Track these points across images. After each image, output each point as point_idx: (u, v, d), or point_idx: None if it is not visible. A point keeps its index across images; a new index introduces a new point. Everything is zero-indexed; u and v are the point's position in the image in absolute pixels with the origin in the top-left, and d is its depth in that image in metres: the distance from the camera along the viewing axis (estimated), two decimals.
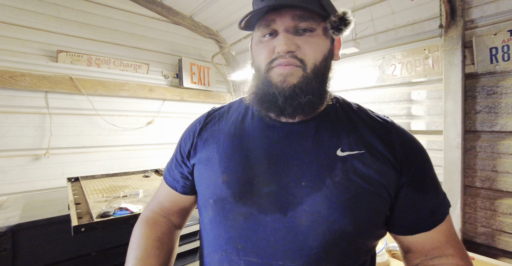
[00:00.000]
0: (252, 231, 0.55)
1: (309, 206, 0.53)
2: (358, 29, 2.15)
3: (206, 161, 0.64)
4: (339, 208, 0.52)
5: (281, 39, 0.53)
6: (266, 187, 0.56)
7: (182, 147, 0.72)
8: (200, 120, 0.71)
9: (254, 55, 0.61)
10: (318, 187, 0.53)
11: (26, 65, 2.19)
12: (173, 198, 0.74)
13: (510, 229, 1.59)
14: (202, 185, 0.64)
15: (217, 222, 0.60)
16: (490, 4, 1.68)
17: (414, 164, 0.57)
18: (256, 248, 0.54)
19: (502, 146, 1.65)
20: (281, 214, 0.53)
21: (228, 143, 0.63)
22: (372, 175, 0.54)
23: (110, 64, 2.65)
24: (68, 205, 1.52)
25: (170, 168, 0.75)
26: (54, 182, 2.31)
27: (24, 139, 2.21)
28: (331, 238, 0.52)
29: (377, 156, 0.55)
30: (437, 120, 1.91)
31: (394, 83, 2.15)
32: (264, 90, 0.57)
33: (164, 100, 2.99)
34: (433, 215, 0.57)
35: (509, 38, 1.62)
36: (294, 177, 0.55)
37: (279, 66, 0.54)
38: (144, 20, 2.90)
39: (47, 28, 2.34)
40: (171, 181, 0.74)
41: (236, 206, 0.57)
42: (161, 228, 0.69)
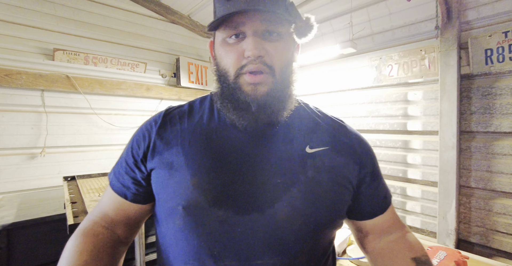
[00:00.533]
0: (229, 234, 0.54)
1: (286, 201, 0.55)
2: (355, 29, 2.16)
3: (170, 165, 0.58)
4: (314, 201, 0.56)
5: (251, 43, 0.53)
6: (241, 187, 0.55)
7: (134, 149, 0.63)
8: (156, 120, 0.64)
9: (219, 57, 0.59)
10: (293, 183, 0.56)
11: (23, 63, 2.18)
12: (121, 206, 0.64)
13: (504, 229, 1.61)
14: (167, 191, 0.58)
15: (187, 231, 0.55)
16: (486, 6, 1.69)
17: (370, 158, 0.65)
18: (233, 251, 0.54)
19: (497, 147, 1.66)
20: (258, 213, 0.54)
21: (195, 144, 0.59)
22: (338, 168, 0.60)
23: (107, 63, 2.64)
24: (64, 203, 1.52)
25: (118, 173, 0.65)
26: (50, 181, 2.30)
27: (20, 137, 2.19)
28: (307, 231, 0.56)
29: (340, 151, 0.61)
30: (433, 121, 1.92)
31: (391, 83, 2.16)
32: (235, 98, 0.56)
33: (162, 99, 2.99)
34: (385, 199, 0.68)
35: (504, 40, 1.64)
36: (269, 175, 0.56)
37: (249, 74, 0.54)
38: (142, 19, 2.89)
39: (44, 26, 2.33)
40: (119, 187, 0.64)
41: (210, 211, 0.54)
42: (100, 241, 0.58)
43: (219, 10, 0.56)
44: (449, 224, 1.74)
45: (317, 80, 2.69)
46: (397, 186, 2.12)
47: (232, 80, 0.56)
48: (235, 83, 0.56)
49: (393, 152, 2.14)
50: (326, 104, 2.61)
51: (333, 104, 2.56)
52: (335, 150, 0.61)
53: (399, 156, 2.11)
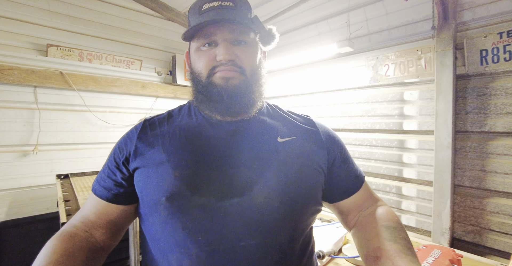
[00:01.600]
0: (211, 219, 0.57)
1: (262, 184, 0.60)
2: (352, 29, 2.17)
3: (152, 163, 0.63)
4: (288, 182, 0.61)
5: (222, 49, 0.59)
6: (220, 175, 0.60)
7: (116, 154, 0.68)
8: (136, 127, 0.69)
9: (194, 62, 0.65)
10: (268, 166, 0.61)
11: (15, 59, 2.14)
12: (102, 208, 0.67)
13: (498, 228, 1.63)
14: (150, 186, 0.61)
15: (173, 220, 0.58)
16: (481, 6, 1.71)
17: (336, 145, 0.73)
18: (217, 235, 0.57)
19: (491, 146, 1.68)
20: (238, 197, 0.58)
21: (175, 142, 0.64)
22: (306, 153, 0.67)
23: (102, 59, 2.60)
24: (57, 202, 1.49)
25: (101, 178, 0.69)
26: (43, 179, 2.26)
27: (12, 134, 2.15)
28: (284, 210, 0.60)
29: (307, 139, 0.69)
30: (429, 121, 1.94)
31: (387, 83, 2.17)
32: (209, 91, 0.62)
33: (157, 97, 2.96)
34: (358, 178, 0.74)
35: (498, 41, 1.66)
36: (245, 163, 0.61)
37: (220, 71, 0.61)
38: (138, 15, 2.86)
39: (37, 21, 2.28)
40: (101, 190, 0.67)
41: (192, 199, 0.58)
42: (76, 243, 0.60)
43: (193, 22, 0.63)
44: (443, 223, 1.75)
45: (314, 79, 2.69)
46: (392, 185, 2.13)
47: (205, 79, 0.62)
48: (208, 81, 0.62)
49: (389, 151, 2.15)
50: (322, 103, 2.61)
51: (329, 104, 2.56)
52: (303, 138, 0.69)
53: (395, 155, 2.12)
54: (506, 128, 1.63)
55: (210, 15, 0.60)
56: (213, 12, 0.60)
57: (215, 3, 0.61)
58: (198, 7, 0.63)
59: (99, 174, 0.71)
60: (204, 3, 0.62)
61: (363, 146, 2.32)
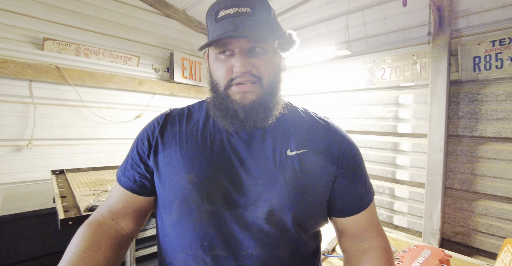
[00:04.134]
0: (217, 227, 0.60)
1: (265, 200, 0.61)
2: (350, 32, 2.20)
3: (169, 162, 0.65)
4: (290, 201, 0.61)
5: (239, 61, 0.58)
6: (229, 185, 0.62)
7: (139, 146, 0.70)
8: (158, 121, 0.71)
9: (212, 70, 0.65)
10: (273, 184, 0.62)
11: (10, 52, 2.10)
12: (128, 198, 0.69)
13: (485, 229, 1.69)
14: (165, 186, 0.64)
15: (181, 222, 0.61)
16: (476, 15, 1.76)
17: (348, 158, 0.67)
18: (221, 243, 0.60)
19: (481, 151, 1.74)
20: (242, 209, 0.61)
21: (191, 144, 0.65)
22: (315, 170, 0.64)
23: (99, 55, 2.58)
24: (53, 198, 1.48)
25: (125, 169, 0.71)
26: (37, 174, 2.23)
27: (5, 128, 2.11)
28: (284, 226, 0.62)
29: (318, 153, 0.65)
30: (422, 124, 1.99)
31: (383, 86, 2.21)
32: (225, 106, 0.62)
33: (154, 94, 2.94)
34: (361, 200, 0.69)
35: (491, 49, 1.71)
36: (252, 176, 0.62)
37: (236, 85, 0.60)
38: (136, 11, 2.83)
39: (33, 14, 2.24)
40: (126, 181, 0.69)
41: (202, 205, 0.60)
42: (104, 231, 0.63)
43: (210, 29, 0.62)
44: (434, 224, 1.81)
45: (311, 80, 2.72)
46: (385, 187, 2.18)
47: (222, 90, 0.62)
48: (225, 93, 0.62)
49: (383, 153, 2.20)
50: (319, 104, 2.64)
51: (326, 105, 2.60)
52: (314, 151, 0.65)
53: (389, 157, 2.17)
54: (495, 134, 1.68)
55: (228, 25, 0.58)
56: (229, 22, 0.58)
57: (232, 10, 0.58)
58: (214, 13, 0.61)
59: (122, 164, 0.73)
60: (220, 9, 0.59)
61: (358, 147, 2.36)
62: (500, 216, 1.63)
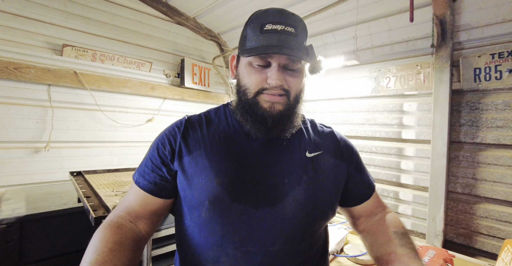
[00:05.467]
0: (247, 224, 0.64)
1: (292, 198, 0.66)
2: (359, 43, 2.31)
3: (195, 166, 0.67)
4: (314, 198, 0.69)
5: (275, 74, 0.63)
6: (256, 186, 0.66)
7: (160, 150, 0.71)
8: (179, 126, 0.73)
9: (242, 75, 0.68)
10: (298, 182, 0.68)
11: (32, 58, 2.19)
12: (147, 201, 0.70)
13: (486, 231, 1.78)
14: (194, 188, 0.66)
15: (213, 222, 0.64)
16: (476, 29, 1.87)
17: (354, 156, 0.81)
18: (251, 239, 0.64)
19: (481, 156, 1.84)
20: (270, 207, 0.65)
21: (215, 149, 0.68)
22: (332, 170, 0.74)
23: (114, 60, 2.67)
24: (78, 198, 1.55)
25: (144, 171, 0.72)
26: (53, 175, 2.30)
27: (25, 131, 2.19)
28: (308, 221, 0.68)
29: (331, 153, 0.76)
30: (426, 131, 2.09)
31: (388, 94, 2.32)
32: (254, 111, 0.66)
33: (165, 98, 3.03)
34: (370, 187, 0.82)
35: (491, 61, 1.82)
36: (278, 176, 0.67)
37: (268, 94, 0.65)
38: (149, 19, 2.94)
39: (54, 22, 2.34)
40: (145, 184, 0.70)
41: (232, 205, 0.64)
42: (124, 232, 0.63)
43: (252, 38, 0.65)
44: (437, 226, 1.90)
45: (318, 87, 2.83)
46: (390, 190, 2.28)
47: (252, 96, 0.66)
48: (254, 99, 0.66)
49: (388, 158, 2.30)
50: (326, 110, 2.74)
51: (332, 111, 2.70)
52: (328, 152, 0.76)
53: (393, 162, 2.26)
54: (495, 141, 1.79)
55: (273, 39, 0.62)
56: (276, 37, 0.62)
57: (279, 27, 0.63)
58: (260, 24, 0.64)
59: (140, 167, 0.74)
60: (268, 22, 0.63)
61: (364, 153, 2.46)
62: (500, 218, 1.72)
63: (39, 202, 1.73)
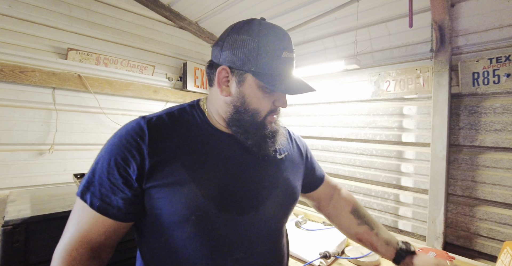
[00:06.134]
0: (235, 232, 0.65)
1: (272, 199, 0.71)
2: (359, 47, 2.35)
3: (174, 181, 0.62)
4: (289, 196, 0.77)
5: (285, 99, 0.72)
6: (240, 192, 0.67)
7: (121, 168, 0.61)
8: (141, 135, 0.64)
9: (252, 98, 0.68)
10: (275, 184, 0.74)
11: (37, 61, 2.22)
12: (111, 228, 0.63)
13: (486, 233, 1.80)
14: (175, 204, 0.61)
15: (200, 236, 0.62)
16: (474, 34, 1.91)
17: (306, 148, 0.95)
18: (240, 246, 0.65)
19: (480, 159, 1.86)
20: (255, 211, 0.68)
21: (195, 157, 0.65)
22: (297, 167, 0.84)
23: (117, 64, 2.71)
24: None
25: (100, 193, 0.61)
26: (56, 177, 2.33)
27: (30, 133, 2.22)
28: (285, 218, 0.77)
29: (293, 151, 0.87)
30: (425, 134, 2.11)
31: (388, 98, 2.35)
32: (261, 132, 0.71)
33: (167, 102, 3.07)
34: (321, 170, 1.00)
35: (489, 65, 1.85)
36: (258, 180, 0.71)
37: (272, 116, 0.73)
38: (152, 23, 2.98)
39: (59, 26, 2.38)
40: (107, 208, 0.61)
41: (219, 215, 0.63)
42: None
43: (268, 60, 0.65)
44: (437, 228, 1.92)
45: (319, 90, 2.86)
46: (390, 193, 2.30)
47: (261, 119, 0.71)
48: (263, 122, 0.72)
49: (388, 161, 2.32)
50: (326, 114, 2.77)
51: (333, 114, 2.73)
52: (291, 151, 0.86)
53: (393, 165, 2.29)
54: (494, 144, 1.81)
55: (289, 68, 0.69)
56: (290, 67, 0.70)
57: (292, 55, 0.70)
58: (277, 49, 0.66)
59: (91, 185, 0.63)
60: (285, 50, 0.67)
61: (364, 155, 2.48)
62: (499, 221, 1.74)
63: (44, 203, 1.75)
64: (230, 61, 0.66)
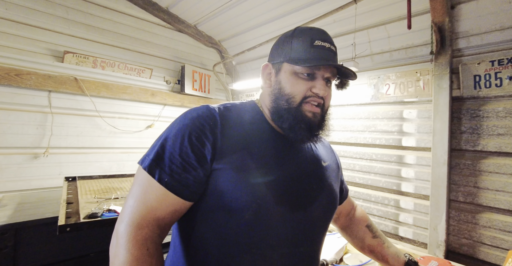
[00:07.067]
0: (284, 227, 0.66)
1: (319, 202, 0.73)
2: (357, 49, 2.31)
3: (240, 167, 0.63)
4: (332, 201, 0.78)
5: (322, 85, 0.70)
6: (294, 190, 0.69)
7: (195, 146, 0.61)
8: (213, 120, 0.66)
9: (286, 84, 0.71)
10: (322, 188, 0.75)
11: (33, 64, 2.21)
12: (178, 207, 0.61)
13: (490, 241, 1.74)
14: (240, 190, 0.61)
15: (255, 224, 0.62)
16: (475, 36, 1.87)
17: (340, 163, 0.95)
18: (286, 241, 0.66)
19: (483, 164, 1.81)
20: (303, 211, 0.69)
21: (258, 148, 0.68)
22: (336, 175, 0.86)
23: (114, 67, 2.69)
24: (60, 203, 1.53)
25: (171, 170, 0.60)
26: (51, 181, 2.30)
27: (24, 136, 2.20)
28: (328, 223, 0.78)
29: (333, 161, 0.88)
30: (426, 138, 2.06)
31: (388, 101, 2.31)
32: (298, 119, 0.70)
33: (165, 105, 3.05)
34: (346, 187, 1.01)
35: (490, 68, 1.81)
36: (309, 181, 0.73)
37: (311, 104, 0.71)
38: (150, 26, 2.97)
39: (56, 29, 2.37)
40: (176, 186, 0.59)
41: (274, 207, 0.64)
42: (161, 256, 0.59)
43: (300, 50, 0.70)
44: (439, 236, 1.85)
45: None
46: (390, 198, 2.24)
47: (297, 105, 0.70)
48: (298, 108, 0.71)
49: (388, 165, 2.27)
50: None
51: (332, 118, 2.68)
52: (331, 161, 0.87)
53: (394, 170, 2.23)
54: (497, 148, 1.76)
55: (323, 54, 0.69)
56: (325, 53, 0.70)
57: (327, 44, 0.70)
58: (310, 39, 0.70)
59: (161, 161, 0.60)
60: (317, 39, 0.69)
61: (364, 160, 2.43)
62: (503, 229, 1.68)
63: (35, 208, 1.72)
64: (272, 59, 0.76)
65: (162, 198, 0.60)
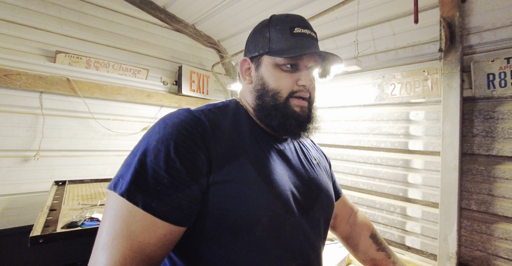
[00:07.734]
0: (296, 236, 0.60)
1: (319, 204, 0.67)
2: (360, 48, 2.19)
3: (243, 178, 0.55)
4: (331, 200, 0.73)
5: (308, 76, 0.64)
6: (299, 195, 0.63)
7: (184, 158, 0.50)
8: (201, 125, 0.56)
9: (270, 79, 0.65)
10: (320, 189, 0.69)
11: (23, 64, 2.14)
12: (170, 236, 0.49)
13: (506, 255, 1.59)
14: (246, 205, 0.53)
15: (268, 239, 0.54)
16: (488, 31, 1.73)
17: (328, 158, 0.91)
18: (300, 250, 0.60)
19: (498, 170, 1.67)
20: (307, 216, 0.63)
21: (254, 154, 0.60)
22: (327, 172, 0.81)
23: (109, 67, 2.62)
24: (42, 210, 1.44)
25: (158, 192, 0.48)
26: (42, 185, 2.22)
27: (14, 139, 2.13)
28: (328, 226, 0.73)
29: (321, 158, 0.84)
30: (435, 142, 1.93)
31: (393, 102, 2.18)
32: (286, 116, 0.64)
33: (162, 106, 2.96)
34: (338, 185, 0.91)
35: (506, 66, 1.67)
36: (306, 182, 0.67)
37: (298, 99, 0.65)
38: (146, 25, 2.89)
39: (47, 28, 2.30)
40: (168, 211, 0.48)
41: (286, 217, 0.58)
42: None
43: (280, 40, 0.64)
44: (450, 247, 1.71)
45: (319, 94, 2.70)
46: (397, 205, 2.10)
47: (283, 100, 0.64)
48: (285, 103, 0.64)
49: (393, 170, 2.13)
50: (327, 119, 2.61)
51: (334, 120, 2.56)
52: (320, 157, 0.82)
53: (400, 175, 2.10)
54: None
55: (304, 42, 0.64)
56: (307, 40, 0.65)
57: (307, 31, 0.65)
58: (289, 27, 0.65)
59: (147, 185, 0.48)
60: (296, 26, 0.65)
61: (368, 164, 2.30)
62: None
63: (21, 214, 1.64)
64: (249, 53, 0.69)
65: (151, 228, 0.47)
